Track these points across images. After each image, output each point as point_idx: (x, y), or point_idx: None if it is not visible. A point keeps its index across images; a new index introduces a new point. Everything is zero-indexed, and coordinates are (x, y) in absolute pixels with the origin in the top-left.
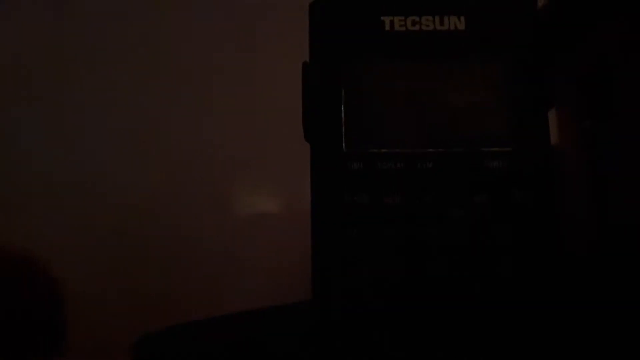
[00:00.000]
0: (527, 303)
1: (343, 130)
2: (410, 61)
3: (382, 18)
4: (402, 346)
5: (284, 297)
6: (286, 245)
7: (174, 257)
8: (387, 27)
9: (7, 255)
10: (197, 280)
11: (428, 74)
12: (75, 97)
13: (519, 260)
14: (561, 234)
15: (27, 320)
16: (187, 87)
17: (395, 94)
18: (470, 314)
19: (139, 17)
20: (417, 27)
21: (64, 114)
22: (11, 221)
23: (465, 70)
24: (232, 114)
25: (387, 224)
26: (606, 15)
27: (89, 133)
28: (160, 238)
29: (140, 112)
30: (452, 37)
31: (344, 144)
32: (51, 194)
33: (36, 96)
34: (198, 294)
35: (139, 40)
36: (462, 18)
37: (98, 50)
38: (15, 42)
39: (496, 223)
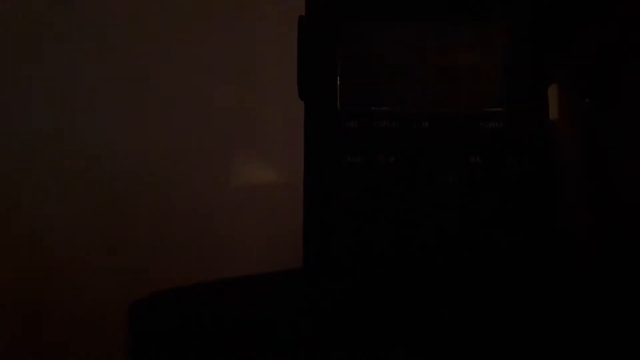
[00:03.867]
0: (515, 270)
1: (338, 87)
2: (409, 19)
3: None
4: (391, 310)
5: (281, 265)
6: (284, 213)
7: (170, 224)
8: None
9: None
10: (193, 248)
11: (426, 33)
12: (74, 58)
13: (510, 226)
14: (557, 210)
15: None
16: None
17: (391, 51)
18: (460, 279)
19: None
20: None
21: (63, 75)
22: (4, 184)
23: (465, 29)
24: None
25: (380, 184)
26: (605, 8)
27: (87, 96)
28: (157, 206)
29: (138, 76)
30: None
31: (338, 102)
32: (47, 156)
33: (35, 57)
34: (194, 262)
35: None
36: None
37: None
38: None
39: (489, 187)
